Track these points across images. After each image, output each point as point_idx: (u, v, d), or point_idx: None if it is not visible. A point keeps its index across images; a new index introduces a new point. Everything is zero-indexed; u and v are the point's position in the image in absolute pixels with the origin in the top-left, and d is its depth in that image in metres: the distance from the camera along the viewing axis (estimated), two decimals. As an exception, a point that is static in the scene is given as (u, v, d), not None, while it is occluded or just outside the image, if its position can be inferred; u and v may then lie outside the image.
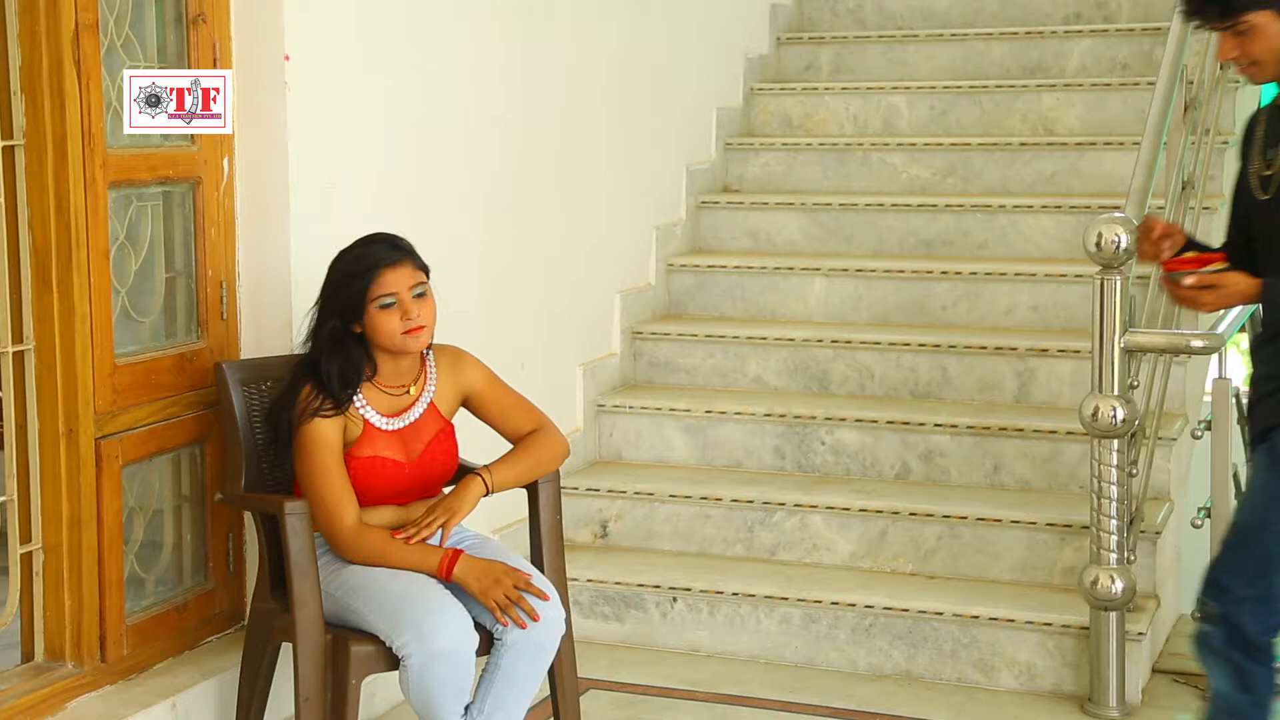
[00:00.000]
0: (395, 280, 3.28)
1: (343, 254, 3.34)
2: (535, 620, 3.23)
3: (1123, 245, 3.78)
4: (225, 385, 3.47)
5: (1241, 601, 3.10)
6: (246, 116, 3.68)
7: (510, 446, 3.50)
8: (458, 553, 3.27)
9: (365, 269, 3.28)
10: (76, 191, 3.30)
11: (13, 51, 3.24)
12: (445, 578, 3.25)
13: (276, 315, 3.73)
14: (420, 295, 3.32)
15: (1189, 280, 3.07)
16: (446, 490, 3.46)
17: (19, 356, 3.30)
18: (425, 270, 3.35)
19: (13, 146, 3.26)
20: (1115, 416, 3.82)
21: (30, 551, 3.34)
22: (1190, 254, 3.12)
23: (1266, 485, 3.13)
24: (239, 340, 3.73)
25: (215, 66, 3.61)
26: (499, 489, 3.40)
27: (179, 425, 3.59)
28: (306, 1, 3.70)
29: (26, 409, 3.32)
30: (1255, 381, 3.22)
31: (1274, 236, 3.12)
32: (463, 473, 3.44)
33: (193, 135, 3.60)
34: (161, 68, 3.57)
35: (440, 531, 3.30)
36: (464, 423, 3.51)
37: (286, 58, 3.65)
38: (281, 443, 3.36)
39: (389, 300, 3.28)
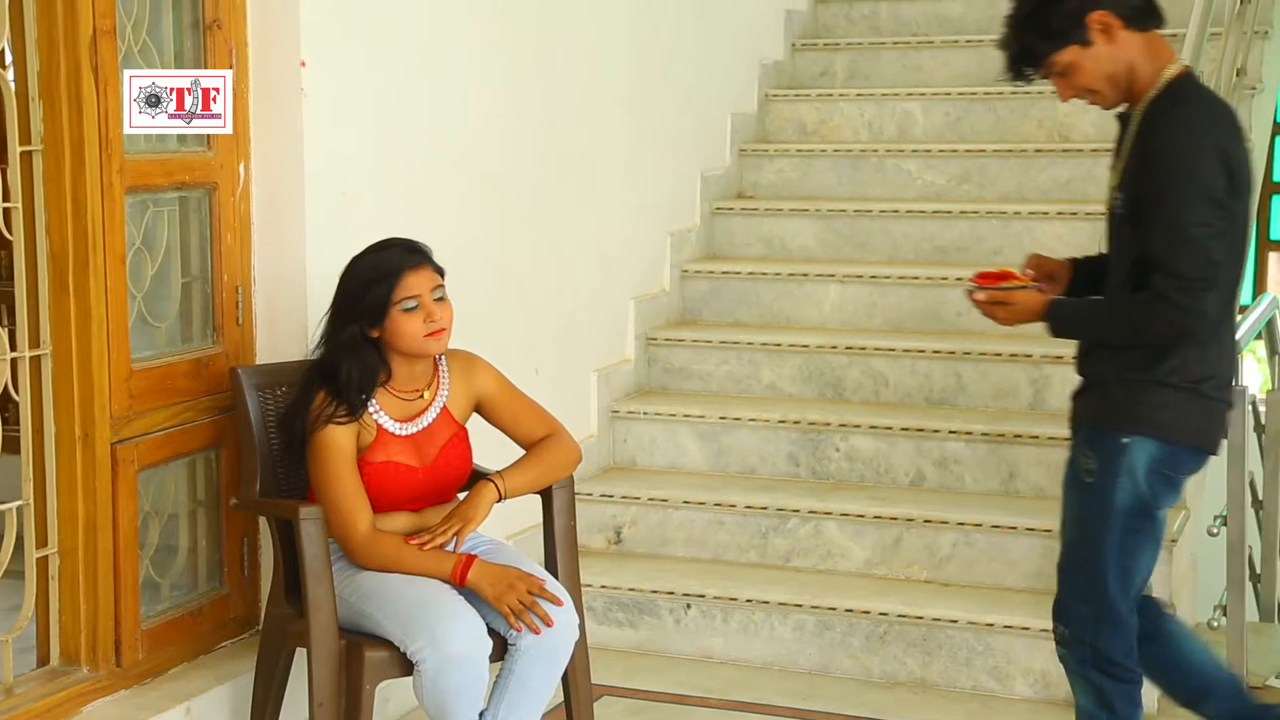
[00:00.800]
0: (418, 283, 3.29)
1: (361, 258, 3.34)
2: (549, 626, 3.23)
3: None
4: (240, 390, 3.48)
5: (1085, 620, 3.15)
6: (262, 122, 3.69)
7: (522, 452, 3.51)
8: (471, 558, 3.27)
9: (390, 272, 3.28)
10: (93, 196, 3.30)
11: (31, 57, 3.25)
12: (459, 583, 3.25)
13: (292, 320, 3.73)
14: (440, 298, 3.33)
15: (980, 295, 3.20)
16: (460, 496, 3.46)
17: (36, 361, 3.31)
18: (442, 273, 3.36)
19: (30, 152, 3.27)
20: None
21: (46, 556, 3.35)
22: (998, 270, 3.25)
23: (1073, 504, 3.18)
24: (254, 345, 3.74)
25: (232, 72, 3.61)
26: (512, 495, 3.41)
27: (194, 430, 3.60)
28: (323, 7, 3.71)
29: (43, 413, 3.33)
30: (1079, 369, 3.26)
31: (1110, 250, 3.18)
32: (476, 478, 3.44)
33: (209, 140, 3.61)
34: (178, 73, 3.59)
35: (455, 539, 3.30)
36: (475, 428, 3.51)
37: (302, 63, 3.66)
38: (295, 450, 3.37)
39: (412, 303, 3.28)
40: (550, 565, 3.52)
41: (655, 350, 5.30)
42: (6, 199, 3.25)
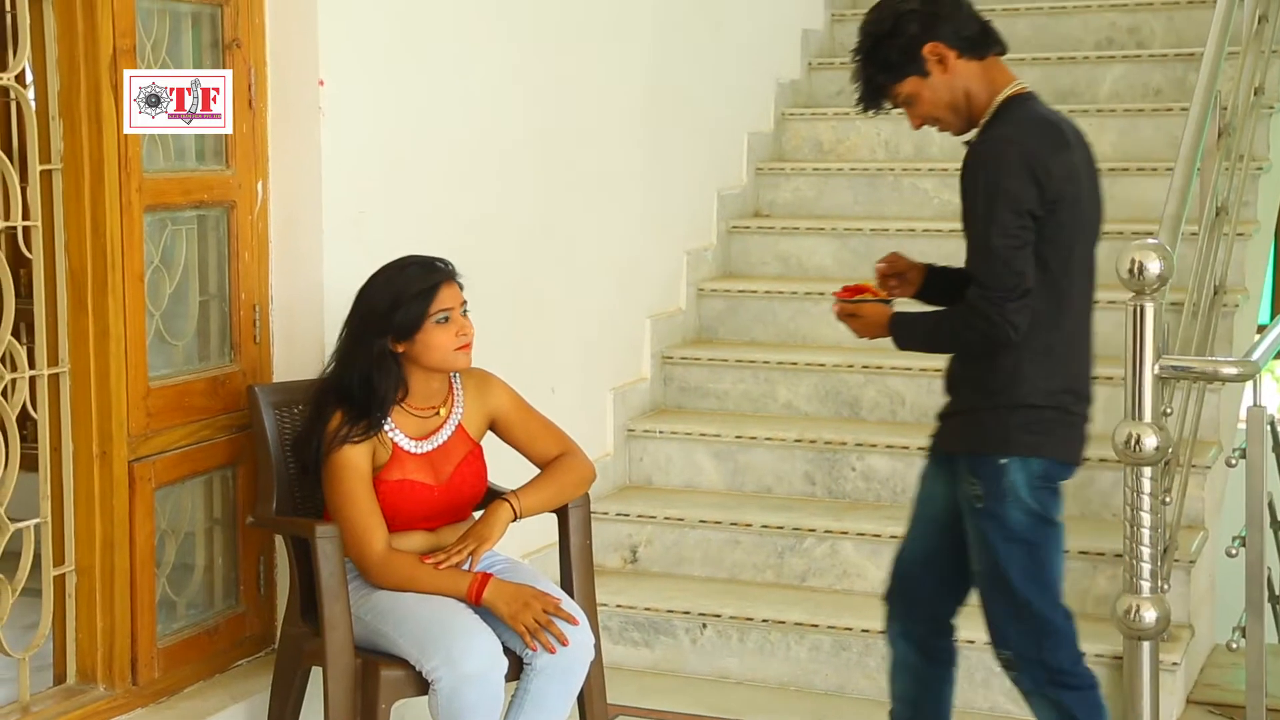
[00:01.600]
0: (450, 296, 3.31)
1: (388, 273, 3.34)
2: (564, 645, 3.22)
3: (1156, 272, 3.75)
4: (257, 408, 3.49)
5: (1025, 637, 3.21)
6: (280, 140, 3.70)
7: (535, 470, 3.51)
8: (487, 576, 3.27)
9: (428, 285, 3.29)
10: (112, 215, 3.32)
11: (51, 76, 3.27)
12: (475, 601, 3.25)
13: (309, 338, 3.74)
14: (465, 313, 3.34)
15: (835, 308, 3.35)
16: (475, 514, 3.46)
17: (54, 379, 3.32)
18: (462, 289, 3.37)
19: (50, 170, 3.29)
20: (1149, 444, 3.79)
21: (63, 574, 3.35)
22: (859, 284, 3.35)
23: (973, 532, 3.23)
24: (271, 363, 3.74)
25: (251, 91, 3.63)
26: (527, 514, 3.41)
27: (211, 448, 3.60)
28: (341, 27, 3.73)
29: (61, 431, 3.34)
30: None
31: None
32: (491, 497, 3.44)
33: (227, 159, 3.63)
34: (197, 92, 3.61)
35: (470, 558, 3.30)
36: (491, 446, 3.51)
37: (321, 83, 3.67)
38: (310, 470, 3.37)
39: (445, 315, 3.29)
40: (566, 584, 3.52)
41: (671, 369, 5.30)
42: (26, 217, 3.26)
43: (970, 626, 4.21)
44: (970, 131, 3.24)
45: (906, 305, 3.36)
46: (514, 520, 3.38)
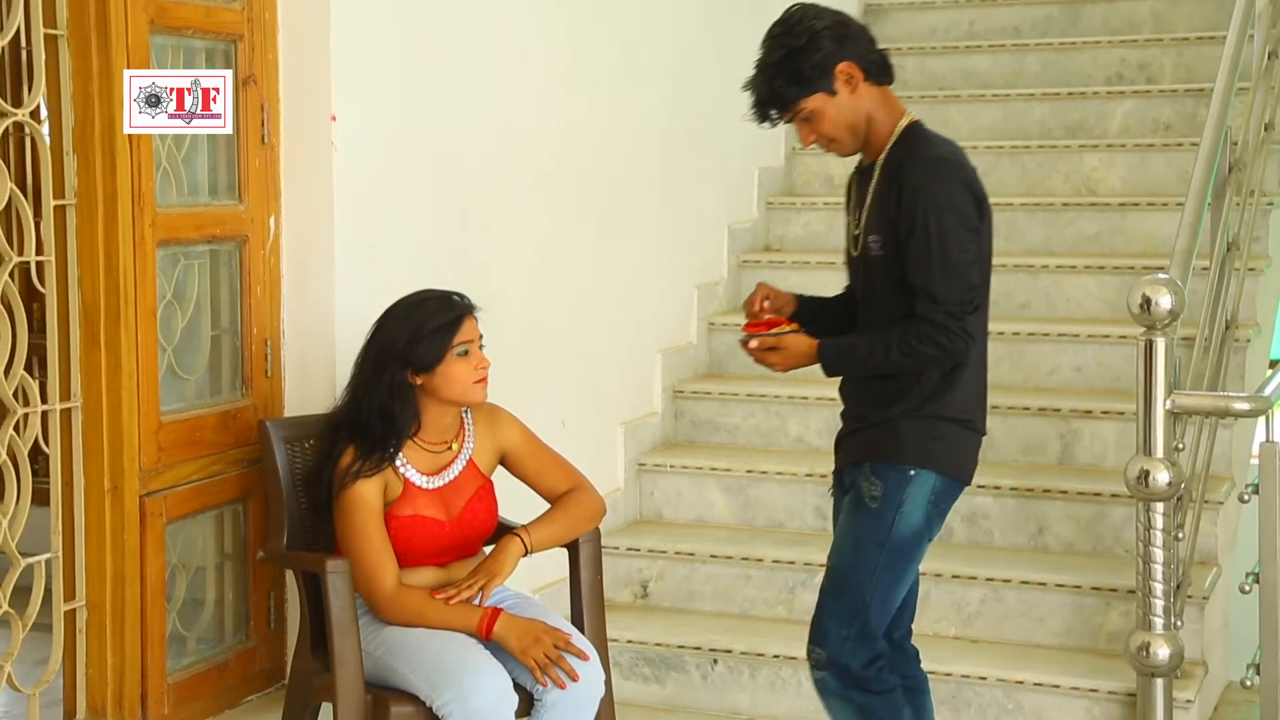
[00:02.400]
0: (470, 329, 3.33)
1: (411, 305, 3.34)
2: (575, 680, 3.21)
3: (1167, 307, 3.75)
4: (269, 442, 3.49)
5: (844, 642, 3.25)
6: (293, 175, 3.71)
7: (545, 504, 3.51)
8: (497, 611, 3.27)
9: (451, 318, 3.30)
10: (125, 250, 3.33)
11: (66, 112, 3.29)
12: (485, 636, 3.25)
13: (320, 373, 3.74)
14: (482, 347, 3.35)
15: (753, 343, 3.30)
16: (486, 549, 3.46)
17: (66, 414, 3.32)
18: None
19: (64, 206, 3.30)
20: (1161, 479, 3.78)
21: (74, 609, 3.35)
22: (769, 317, 3.35)
23: (852, 528, 3.29)
24: (283, 398, 3.75)
25: (264, 127, 3.65)
26: (538, 549, 3.40)
27: (222, 482, 3.60)
28: (353, 63, 3.75)
29: (73, 466, 3.34)
30: (843, 419, 3.43)
31: (864, 291, 3.34)
32: (501, 531, 3.44)
33: (240, 194, 3.64)
34: (211, 128, 3.62)
35: (480, 594, 3.29)
36: (501, 481, 3.51)
37: (333, 118, 3.69)
38: (321, 505, 3.37)
39: (465, 349, 3.30)
40: (576, 619, 3.51)
41: (682, 403, 5.29)
42: (40, 252, 3.27)
43: (979, 662, 4.21)
44: (873, 154, 3.29)
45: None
46: (525, 555, 3.37)
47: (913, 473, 3.24)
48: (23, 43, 3.33)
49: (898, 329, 3.20)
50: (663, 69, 5.30)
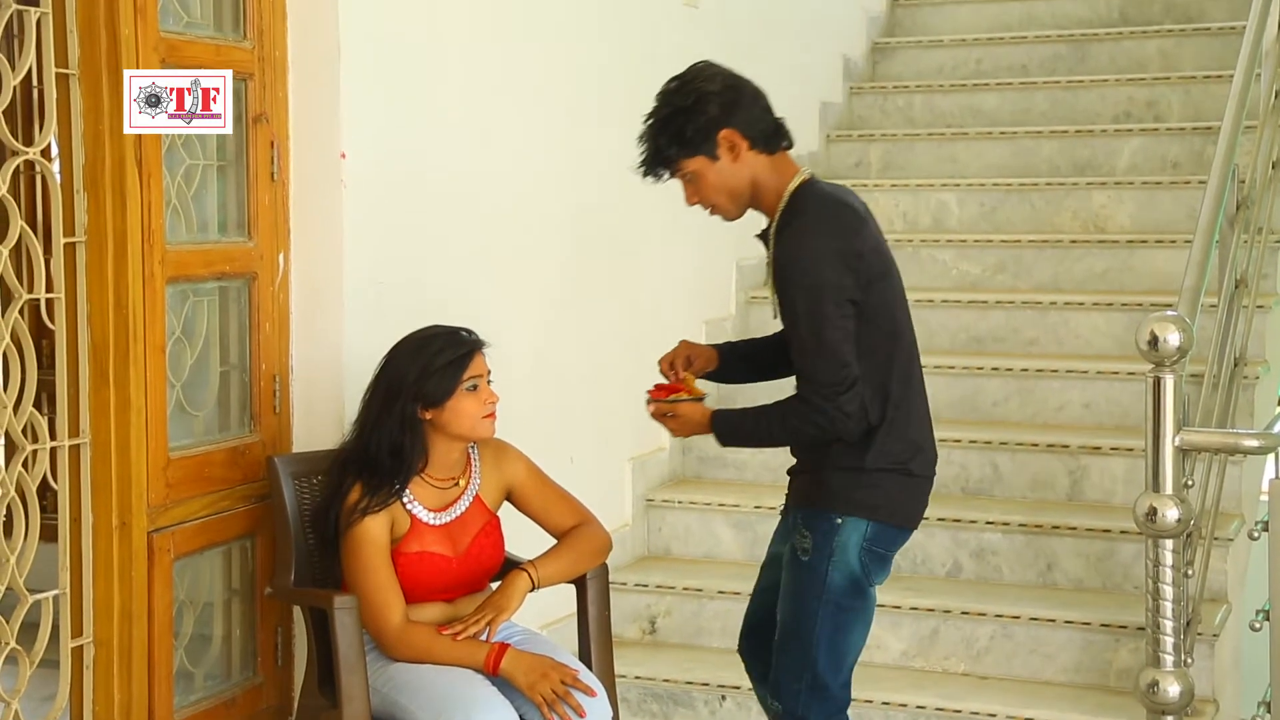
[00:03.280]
0: (480, 363, 3.34)
1: (420, 340, 3.35)
2: (582, 717, 3.21)
3: (1176, 344, 3.75)
4: (277, 478, 3.49)
5: (796, 695, 3.26)
6: (302, 212, 3.73)
7: (551, 540, 3.51)
8: (504, 647, 3.26)
9: (462, 352, 3.31)
10: (135, 287, 3.34)
11: (77, 151, 3.30)
12: (492, 672, 3.24)
13: (329, 409, 3.75)
14: (490, 382, 3.35)
15: (651, 408, 3.35)
16: (493, 585, 3.45)
17: (75, 450, 3.33)
18: None
19: (74, 243, 3.32)
20: (1170, 516, 3.77)
21: (81, 645, 3.35)
22: (674, 381, 3.40)
23: (789, 581, 3.29)
24: (291, 434, 3.75)
25: (274, 164, 3.67)
26: (545, 584, 3.40)
27: (230, 519, 3.61)
28: (363, 101, 3.77)
29: (81, 502, 3.34)
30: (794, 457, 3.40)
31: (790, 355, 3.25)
32: (508, 566, 3.44)
33: (250, 231, 3.66)
34: (220, 165, 3.64)
35: (488, 629, 3.29)
36: (507, 516, 3.51)
37: (343, 155, 3.71)
38: (329, 541, 3.37)
39: (474, 383, 3.31)
40: (584, 655, 3.50)
41: (690, 438, 5.29)
42: (49, 289, 3.29)
43: (988, 698, 4.19)
44: (769, 217, 3.29)
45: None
46: (532, 590, 3.37)
47: (839, 520, 3.22)
48: (34, 81, 3.35)
49: (782, 407, 3.23)
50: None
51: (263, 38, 3.65)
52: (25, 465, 3.22)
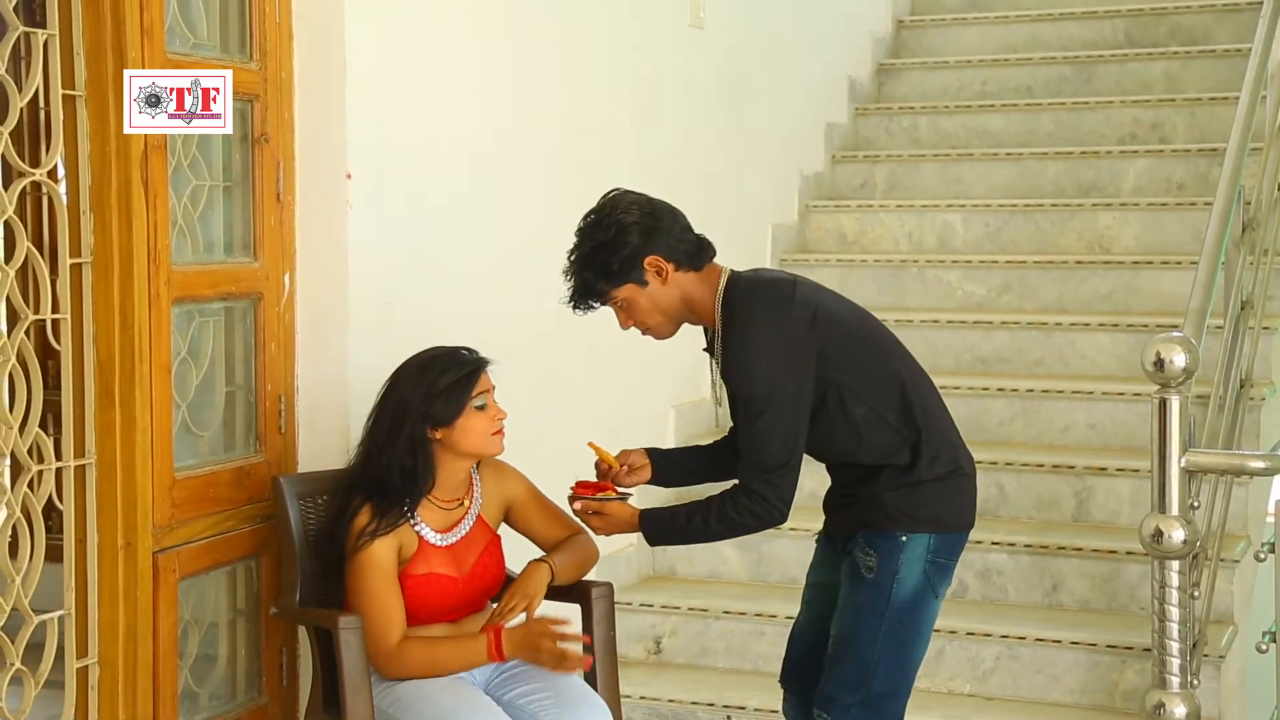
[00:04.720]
0: (485, 381, 3.36)
1: (425, 360, 3.36)
2: (587, 669, 3.29)
3: (1182, 365, 3.75)
4: (282, 499, 3.49)
5: (848, 709, 3.26)
6: (308, 232, 3.74)
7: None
8: (499, 631, 3.30)
9: (469, 370, 3.33)
10: (141, 307, 3.34)
11: (83, 172, 3.31)
12: (499, 658, 3.29)
13: (334, 429, 3.75)
14: (495, 400, 3.36)
15: (576, 506, 3.36)
16: (491, 604, 3.47)
17: (80, 470, 3.33)
18: None
19: (80, 264, 3.32)
20: (1176, 537, 3.76)
21: (86, 666, 3.34)
22: (600, 480, 3.42)
23: (851, 596, 3.30)
24: (297, 454, 3.76)
25: (279, 185, 3.68)
26: (559, 580, 3.45)
27: (235, 538, 3.61)
28: (369, 121, 3.78)
29: (86, 523, 3.34)
30: (831, 492, 3.44)
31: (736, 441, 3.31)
32: (508, 583, 3.46)
33: (255, 251, 3.66)
34: (226, 185, 3.65)
35: (525, 615, 3.35)
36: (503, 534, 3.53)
37: (348, 176, 3.72)
38: (334, 564, 3.37)
39: (483, 400, 3.32)
40: (590, 675, 3.50)
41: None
42: (55, 310, 3.29)
43: (992, 719, 4.19)
44: (709, 324, 3.33)
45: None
46: (551, 581, 3.41)
47: (904, 539, 3.25)
48: (41, 103, 3.36)
49: (716, 502, 3.26)
50: (675, 123, 5.33)
51: (268, 59, 3.66)
52: (31, 486, 3.22)
